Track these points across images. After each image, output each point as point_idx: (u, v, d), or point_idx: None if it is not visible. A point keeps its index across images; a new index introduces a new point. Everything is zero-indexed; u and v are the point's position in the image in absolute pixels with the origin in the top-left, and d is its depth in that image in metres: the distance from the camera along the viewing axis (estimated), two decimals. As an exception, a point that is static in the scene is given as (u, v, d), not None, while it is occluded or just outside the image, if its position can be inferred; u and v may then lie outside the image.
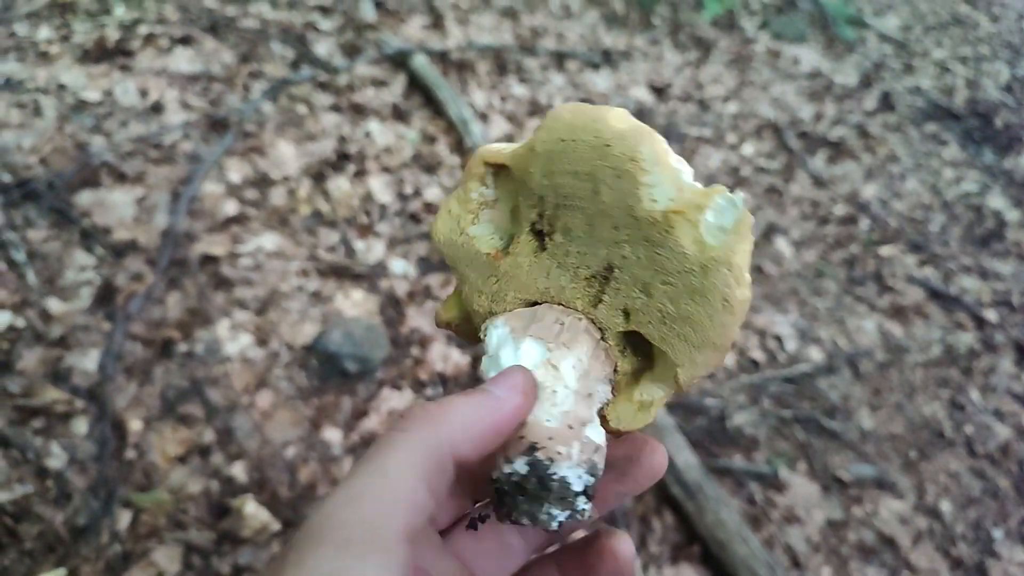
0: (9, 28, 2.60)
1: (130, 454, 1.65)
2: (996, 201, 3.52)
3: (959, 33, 5.08)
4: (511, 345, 0.39)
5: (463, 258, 0.43)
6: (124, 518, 1.56)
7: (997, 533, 2.16)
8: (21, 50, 2.50)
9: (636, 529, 1.86)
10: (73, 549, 1.50)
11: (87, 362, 1.75)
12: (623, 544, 0.40)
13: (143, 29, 2.67)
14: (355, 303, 2.07)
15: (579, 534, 0.44)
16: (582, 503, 0.36)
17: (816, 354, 2.50)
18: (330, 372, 1.90)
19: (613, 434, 0.42)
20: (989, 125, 4.11)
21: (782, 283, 2.77)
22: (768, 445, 2.18)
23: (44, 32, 2.58)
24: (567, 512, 0.36)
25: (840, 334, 2.62)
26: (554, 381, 0.38)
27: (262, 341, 1.91)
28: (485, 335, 0.42)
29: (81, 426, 1.66)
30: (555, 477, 0.35)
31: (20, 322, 1.77)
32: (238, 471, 1.67)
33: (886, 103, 4.09)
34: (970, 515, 2.19)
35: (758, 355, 2.43)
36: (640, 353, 0.43)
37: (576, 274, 0.41)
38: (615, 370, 0.42)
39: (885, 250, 3.05)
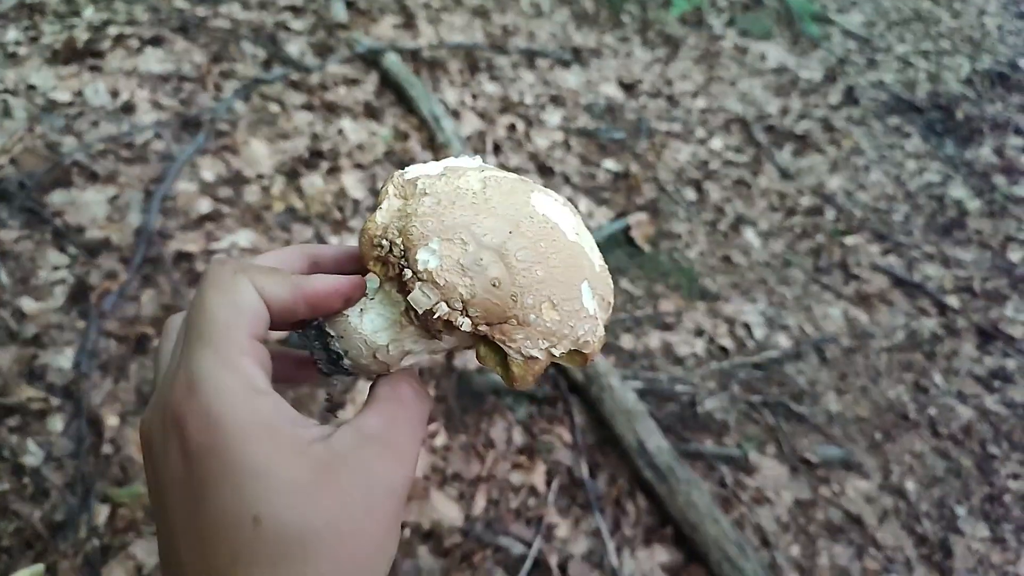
0: (-24, 30, 2.59)
1: (107, 449, 1.65)
2: (957, 191, 3.63)
3: (921, 28, 5.20)
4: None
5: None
6: (102, 513, 1.56)
7: (960, 510, 2.23)
8: (-11, 52, 2.49)
9: (610, 512, 1.90)
10: (51, 545, 1.50)
11: (62, 360, 1.75)
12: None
13: (113, 30, 2.66)
14: (330, 297, 2.09)
15: None
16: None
17: (784, 341, 2.57)
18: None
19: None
20: (951, 118, 4.21)
21: (750, 272, 2.83)
22: (738, 429, 2.23)
23: (12, 33, 2.57)
24: (335, 374, 0.48)
25: (807, 321, 2.68)
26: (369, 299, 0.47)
27: (238, 336, 1.92)
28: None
29: (57, 423, 1.67)
30: (341, 361, 0.46)
31: (-7, 322, 1.77)
32: (215, 464, 1.68)
33: (850, 97, 4.18)
34: (934, 494, 2.26)
35: (727, 342, 2.48)
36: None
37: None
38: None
39: (850, 240, 3.13)
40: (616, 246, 2.71)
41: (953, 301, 2.96)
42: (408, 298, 0.42)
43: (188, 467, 0.35)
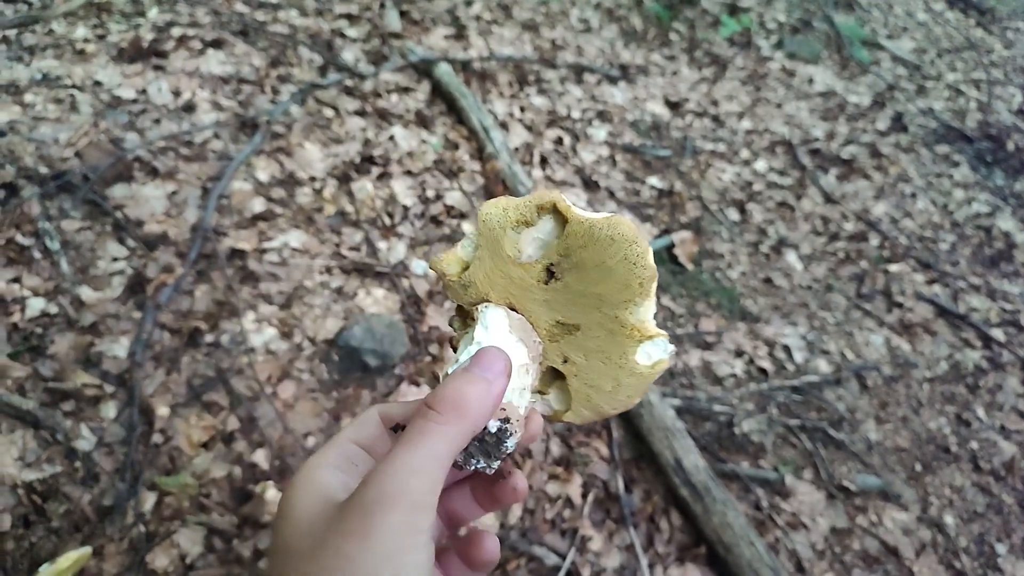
0: (47, 26, 2.68)
1: (156, 439, 1.69)
2: (1006, 222, 3.56)
3: (973, 57, 5.12)
4: (507, 336, 0.52)
5: (491, 245, 0.53)
6: (149, 500, 1.60)
7: (1001, 548, 2.19)
8: (59, 47, 2.58)
9: (644, 529, 1.90)
10: (98, 529, 1.54)
11: (117, 349, 1.80)
12: (521, 481, 0.54)
13: (176, 31, 2.74)
14: (376, 300, 2.12)
15: None
16: (503, 458, 0.51)
17: (824, 366, 2.54)
18: (351, 366, 1.95)
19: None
20: (1001, 148, 4.14)
21: (791, 296, 2.81)
22: (775, 452, 2.22)
23: (81, 31, 2.66)
24: (497, 463, 0.50)
25: (848, 347, 2.66)
26: (522, 378, 0.51)
27: (286, 334, 1.96)
28: (481, 309, 0.53)
29: (110, 410, 1.71)
30: (507, 439, 0.49)
31: (53, 308, 1.83)
32: (260, 458, 1.72)
33: (898, 124, 4.13)
34: (974, 529, 2.22)
35: (767, 364, 2.47)
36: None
37: (554, 314, 0.53)
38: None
39: (894, 267, 3.09)
40: (660, 262, 2.71)
41: (998, 334, 2.90)
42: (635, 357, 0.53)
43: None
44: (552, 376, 0.57)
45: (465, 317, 0.57)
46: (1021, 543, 2.22)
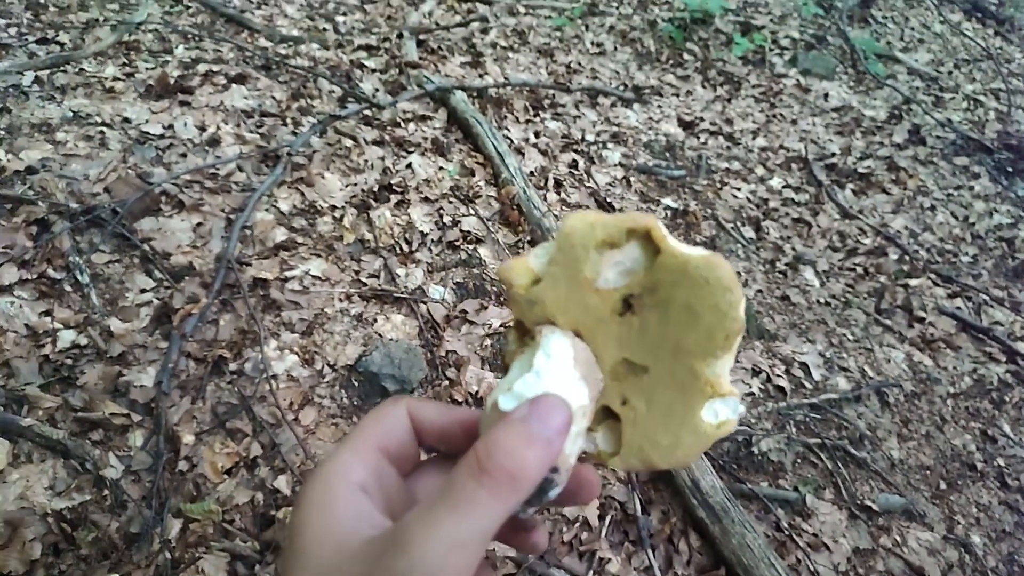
0: (78, 66, 2.79)
1: (182, 466, 1.74)
2: (1029, 234, 3.52)
3: (991, 67, 5.09)
4: (571, 373, 0.46)
5: (568, 262, 0.47)
6: (174, 527, 1.64)
7: (1030, 567, 2.15)
8: (89, 86, 2.68)
9: (662, 550, 1.90)
10: (126, 556, 1.58)
11: (144, 378, 1.86)
12: (541, 538, 0.49)
13: (202, 67, 2.84)
14: (395, 326, 2.16)
15: None
16: (539, 507, 0.47)
17: (844, 383, 2.53)
18: (370, 391, 1.99)
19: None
20: (1022, 158, 4.10)
21: (808, 312, 2.81)
22: (794, 471, 2.21)
23: (110, 69, 2.77)
24: (532, 511, 0.46)
25: (868, 364, 2.64)
26: (578, 421, 0.45)
27: (307, 361, 2.01)
28: (545, 333, 0.48)
29: (137, 439, 1.76)
30: (551, 490, 0.44)
31: (83, 340, 1.89)
32: (282, 484, 1.76)
33: (916, 136, 4.12)
34: (1002, 548, 2.18)
35: (784, 383, 2.46)
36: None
37: (623, 351, 0.48)
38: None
39: (914, 281, 3.07)
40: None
41: (1024, 348, 2.87)
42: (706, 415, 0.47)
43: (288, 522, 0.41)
44: (604, 414, 0.51)
45: (524, 334, 0.50)
46: (1051, 562, 2.18)
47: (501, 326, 2.26)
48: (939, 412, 2.54)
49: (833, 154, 3.80)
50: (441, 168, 2.79)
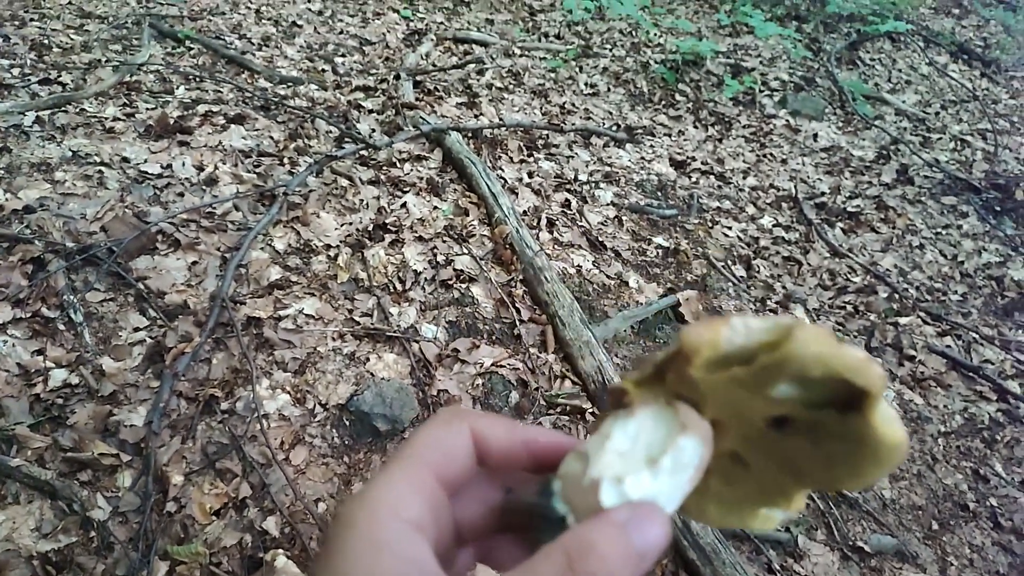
0: (79, 106, 2.84)
1: (170, 507, 1.73)
2: (1018, 272, 3.56)
3: (977, 108, 5.19)
4: (690, 484, 0.39)
5: (770, 364, 0.37)
6: (161, 570, 1.62)
7: (1025, 610, 2.14)
8: (89, 126, 2.73)
9: (654, 593, 1.89)
10: (112, 598, 1.57)
11: (135, 418, 1.86)
12: None
13: (202, 108, 2.89)
14: (387, 365, 2.17)
15: None
16: None
17: (835, 423, 2.53)
18: (362, 431, 1.99)
19: None
20: (1010, 197, 4.16)
21: (801, 352, 2.82)
22: (787, 513, 2.20)
23: (111, 110, 2.82)
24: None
25: (860, 403, 2.64)
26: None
27: (299, 400, 2.01)
28: (685, 423, 0.39)
29: (126, 479, 1.75)
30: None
31: (74, 379, 1.90)
32: (271, 525, 1.75)
33: (904, 176, 4.18)
34: (996, 590, 2.17)
35: (777, 423, 2.46)
36: None
37: (744, 448, 0.42)
38: None
39: (904, 320, 3.09)
40: (665, 322, 2.75)
41: (1014, 386, 2.88)
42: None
43: (320, 553, 0.35)
44: None
45: (653, 390, 0.41)
46: (1046, 604, 2.16)
47: (492, 365, 2.27)
48: (930, 451, 2.54)
49: (823, 193, 3.85)
50: (435, 208, 2.82)
